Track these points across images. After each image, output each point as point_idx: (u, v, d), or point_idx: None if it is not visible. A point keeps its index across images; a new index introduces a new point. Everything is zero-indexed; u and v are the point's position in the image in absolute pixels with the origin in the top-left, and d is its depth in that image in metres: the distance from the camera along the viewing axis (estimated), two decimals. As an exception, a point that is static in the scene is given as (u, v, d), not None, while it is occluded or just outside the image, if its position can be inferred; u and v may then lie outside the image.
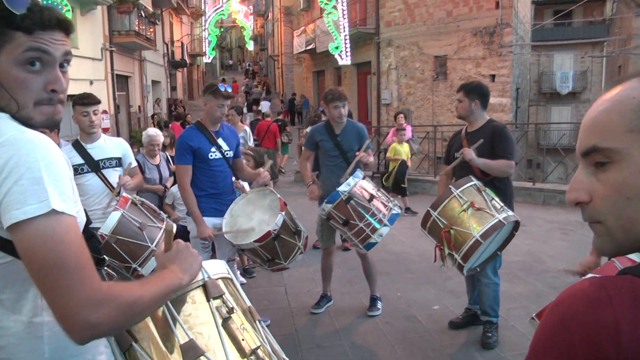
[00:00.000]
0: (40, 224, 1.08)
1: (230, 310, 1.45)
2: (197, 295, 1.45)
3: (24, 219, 1.07)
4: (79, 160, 3.79)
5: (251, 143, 7.11)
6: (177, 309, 1.41)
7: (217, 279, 1.51)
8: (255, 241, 3.55)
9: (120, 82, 18.06)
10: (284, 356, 1.56)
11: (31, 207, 1.07)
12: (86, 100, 3.77)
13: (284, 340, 3.98)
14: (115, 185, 3.82)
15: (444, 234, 3.45)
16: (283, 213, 3.65)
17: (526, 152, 14.73)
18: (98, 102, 3.87)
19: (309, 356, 3.89)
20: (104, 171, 3.83)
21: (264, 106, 24.33)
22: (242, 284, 3.86)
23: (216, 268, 1.56)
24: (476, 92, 3.97)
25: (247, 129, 7.14)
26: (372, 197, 4.03)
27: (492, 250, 3.68)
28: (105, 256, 1.43)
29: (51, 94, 1.24)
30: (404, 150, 9.26)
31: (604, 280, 0.73)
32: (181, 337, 1.35)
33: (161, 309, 1.39)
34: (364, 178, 4.15)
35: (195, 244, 3.99)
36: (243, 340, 1.41)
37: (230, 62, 58.82)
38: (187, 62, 30.37)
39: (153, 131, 5.59)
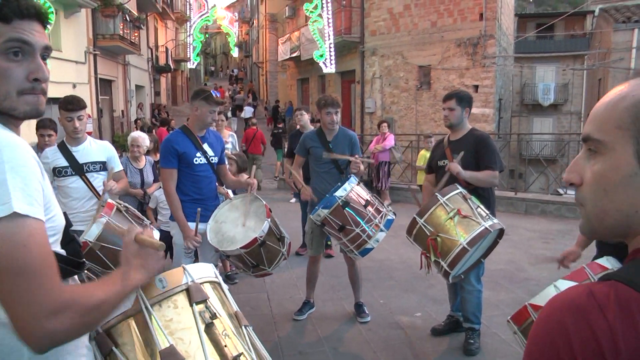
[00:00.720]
0: (1, 226, 1.04)
1: (213, 316, 1.42)
2: (180, 299, 1.42)
3: None
4: (63, 162, 3.75)
5: (238, 149, 7.12)
6: (158, 313, 1.38)
7: (202, 283, 1.48)
8: (241, 247, 3.52)
9: (104, 86, 17.87)
10: None
11: None
12: (70, 106, 3.71)
13: (266, 347, 3.91)
14: (99, 189, 3.77)
15: (430, 242, 3.45)
16: (269, 220, 3.63)
17: (508, 162, 14.86)
18: (83, 107, 3.80)
19: (291, 363, 3.86)
20: (88, 175, 3.80)
21: (247, 112, 24.33)
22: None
23: (202, 272, 1.53)
24: (466, 100, 3.99)
25: (234, 135, 7.12)
26: (367, 202, 4.03)
27: (476, 258, 3.70)
28: (85, 260, 1.40)
29: (34, 83, 1.23)
30: None
31: (591, 288, 0.74)
32: (162, 343, 1.33)
33: (142, 313, 1.37)
34: (358, 184, 4.15)
35: (179, 249, 3.95)
36: (225, 346, 1.39)
37: (212, 68, 58.68)
38: (172, 67, 30.20)
39: (136, 133, 5.58)
